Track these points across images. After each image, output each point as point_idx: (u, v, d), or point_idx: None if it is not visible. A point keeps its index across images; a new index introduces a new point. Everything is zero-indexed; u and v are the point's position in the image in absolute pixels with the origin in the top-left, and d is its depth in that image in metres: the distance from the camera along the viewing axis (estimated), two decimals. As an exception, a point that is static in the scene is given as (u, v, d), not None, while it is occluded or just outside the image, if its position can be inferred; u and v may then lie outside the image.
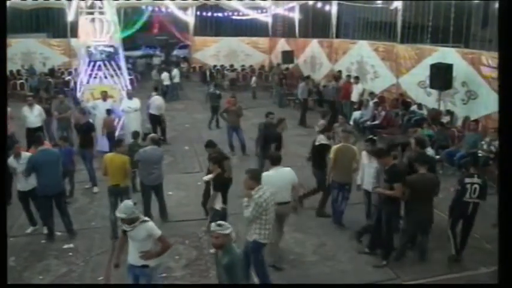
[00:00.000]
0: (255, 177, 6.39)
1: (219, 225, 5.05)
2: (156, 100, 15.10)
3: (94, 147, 11.16)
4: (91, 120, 12.06)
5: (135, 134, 10.48)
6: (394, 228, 7.66)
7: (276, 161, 7.36)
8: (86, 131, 11.18)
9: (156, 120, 14.87)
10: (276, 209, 6.71)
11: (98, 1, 15.44)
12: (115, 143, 9.04)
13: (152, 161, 8.71)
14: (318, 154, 9.33)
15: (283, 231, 7.75)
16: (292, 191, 7.33)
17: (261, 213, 6.24)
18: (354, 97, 17.46)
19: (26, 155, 8.44)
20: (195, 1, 27.59)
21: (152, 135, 9.55)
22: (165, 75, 22.82)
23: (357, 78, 17.99)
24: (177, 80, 23.21)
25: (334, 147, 8.77)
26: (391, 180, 7.17)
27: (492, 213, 9.03)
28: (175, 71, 23.48)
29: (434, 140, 11.82)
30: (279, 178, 7.14)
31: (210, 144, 8.77)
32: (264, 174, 6.92)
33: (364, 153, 8.49)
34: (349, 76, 18.74)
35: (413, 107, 14.97)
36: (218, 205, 7.64)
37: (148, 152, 8.81)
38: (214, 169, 7.76)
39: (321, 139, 9.40)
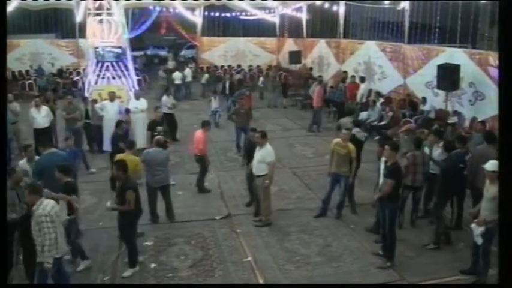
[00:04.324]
0: (34, 191, 6.02)
1: None
2: (164, 99, 15.36)
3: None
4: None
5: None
6: None
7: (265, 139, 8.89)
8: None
9: (168, 118, 14.89)
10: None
11: (106, 2, 15.56)
12: (127, 145, 9.06)
13: (155, 162, 8.76)
14: None
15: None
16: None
17: (53, 225, 5.85)
18: (359, 97, 17.47)
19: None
20: (203, 1, 27.63)
21: (157, 137, 9.57)
22: (176, 74, 23.08)
23: (362, 78, 17.97)
24: (189, 79, 23.61)
25: None
26: (389, 174, 7.30)
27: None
28: (187, 71, 23.87)
29: None
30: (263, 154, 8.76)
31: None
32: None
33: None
34: (353, 77, 18.71)
35: (421, 107, 14.91)
36: (64, 214, 6.85)
37: (152, 153, 8.89)
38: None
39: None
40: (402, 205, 8.52)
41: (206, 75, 24.10)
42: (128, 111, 13.17)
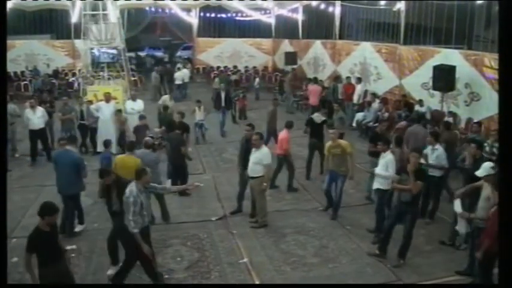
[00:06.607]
0: None
1: None
2: (164, 98, 15.45)
3: (187, 144, 11.48)
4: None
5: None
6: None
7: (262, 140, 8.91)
8: (184, 130, 11.51)
9: None
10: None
11: (101, 3, 15.53)
12: (128, 146, 9.00)
13: (142, 164, 8.66)
14: None
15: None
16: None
17: None
18: (355, 98, 17.48)
19: None
20: (199, 2, 27.58)
21: (146, 139, 9.47)
22: (178, 74, 23.18)
23: (359, 79, 18.00)
24: (186, 79, 23.71)
25: None
26: (417, 177, 7.27)
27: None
28: (184, 71, 23.93)
29: None
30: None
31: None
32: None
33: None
34: (349, 77, 18.73)
35: (417, 108, 14.92)
36: None
37: (139, 155, 8.77)
38: None
39: None
40: (388, 202, 8.51)
41: (217, 79, 23.10)
42: (119, 112, 13.08)
